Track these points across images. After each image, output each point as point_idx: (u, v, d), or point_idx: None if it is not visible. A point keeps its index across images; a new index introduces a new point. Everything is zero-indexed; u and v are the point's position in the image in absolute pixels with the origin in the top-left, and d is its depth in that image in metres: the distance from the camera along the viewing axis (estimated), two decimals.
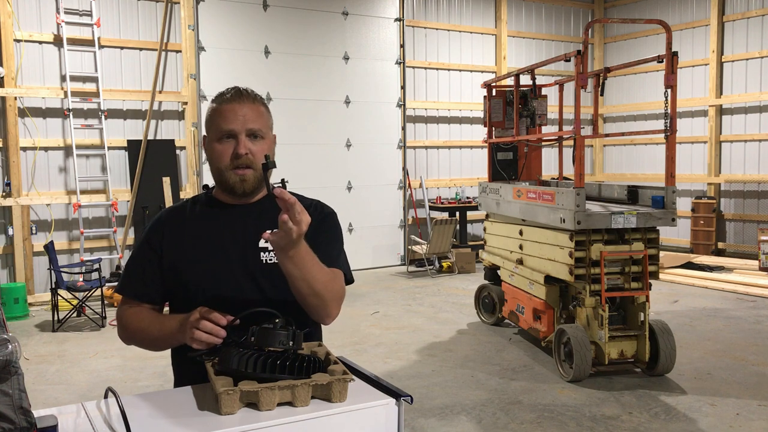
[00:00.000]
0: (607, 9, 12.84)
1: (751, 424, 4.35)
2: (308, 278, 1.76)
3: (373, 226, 10.60)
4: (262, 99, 2.01)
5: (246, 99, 1.93)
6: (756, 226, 10.41)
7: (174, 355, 2.03)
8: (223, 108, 1.91)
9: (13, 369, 1.36)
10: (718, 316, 7.17)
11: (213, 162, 1.94)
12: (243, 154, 1.88)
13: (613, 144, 12.87)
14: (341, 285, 1.95)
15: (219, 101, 1.94)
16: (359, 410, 1.60)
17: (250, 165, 1.90)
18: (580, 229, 5.00)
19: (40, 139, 8.24)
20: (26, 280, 8.05)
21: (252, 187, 1.93)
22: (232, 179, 1.91)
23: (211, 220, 1.98)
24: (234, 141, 1.89)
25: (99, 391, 4.81)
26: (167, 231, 1.98)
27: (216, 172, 1.95)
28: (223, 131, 1.90)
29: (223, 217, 1.97)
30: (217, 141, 1.91)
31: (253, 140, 1.91)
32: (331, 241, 2.01)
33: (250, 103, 1.93)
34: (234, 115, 1.89)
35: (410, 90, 10.90)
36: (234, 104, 1.90)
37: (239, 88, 1.96)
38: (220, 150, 1.91)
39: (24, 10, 8.10)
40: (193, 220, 1.99)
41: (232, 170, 1.90)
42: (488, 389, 5.04)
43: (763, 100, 10.43)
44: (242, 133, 1.89)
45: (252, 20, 9.47)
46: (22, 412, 1.36)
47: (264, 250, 1.93)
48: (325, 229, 2.01)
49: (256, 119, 1.92)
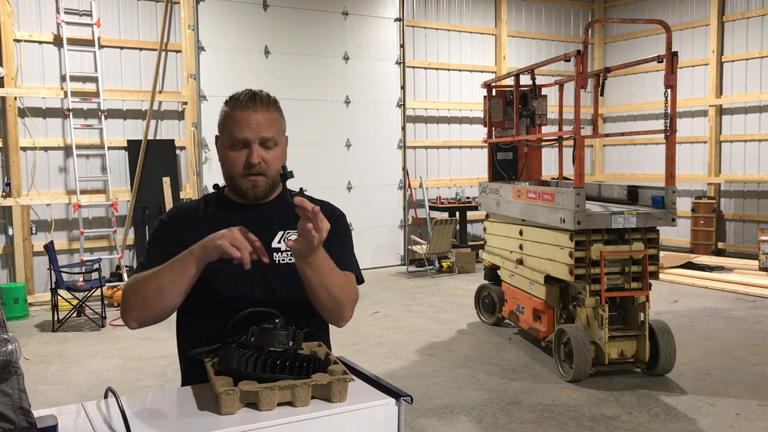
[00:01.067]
0: (607, 9, 12.84)
1: (751, 424, 4.35)
2: (326, 283, 1.80)
3: (373, 226, 10.60)
4: (276, 102, 1.98)
5: (260, 106, 1.90)
6: (756, 226, 10.41)
7: (181, 352, 2.01)
8: (237, 115, 1.89)
9: (13, 369, 1.36)
10: (718, 316, 7.17)
11: (226, 167, 1.94)
12: (256, 164, 1.88)
13: (613, 144, 12.88)
14: (355, 289, 1.99)
15: (233, 106, 1.91)
16: (359, 410, 1.60)
17: (263, 173, 1.90)
18: (580, 229, 5.00)
19: (40, 139, 8.24)
20: (26, 280, 8.06)
21: (264, 193, 1.94)
22: (245, 185, 1.92)
23: (224, 220, 1.95)
24: (247, 149, 1.89)
25: (99, 391, 4.81)
26: (182, 226, 1.97)
27: (228, 177, 1.96)
28: (237, 139, 1.89)
29: (237, 218, 1.95)
30: (230, 148, 1.91)
31: (266, 149, 1.90)
32: (344, 244, 2.04)
33: (264, 110, 1.90)
34: (247, 124, 1.87)
35: (410, 90, 10.91)
36: (248, 112, 1.88)
37: (254, 92, 1.93)
38: (233, 157, 1.90)
39: (24, 10, 8.10)
40: (207, 220, 1.97)
41: (245, 177, 1.91)
42: (488, 389, 5.04)
43: (763, 100, 10.43)
44: (255, 142, 1.88)
45: (252, 20, 9.47)
46: (22, 412, 1.36)
47: (277, 250, 1.94)
48: (338, 233, 2.02)
49: (270, 127, 1.90)
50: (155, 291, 1.78)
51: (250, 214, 1.97)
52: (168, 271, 1.78)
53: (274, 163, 1.91)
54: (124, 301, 1.84)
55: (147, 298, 1.79)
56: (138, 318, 1.82)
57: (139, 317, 1.82)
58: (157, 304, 1.79)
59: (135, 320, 1.82)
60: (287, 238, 1.95)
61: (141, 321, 1.83)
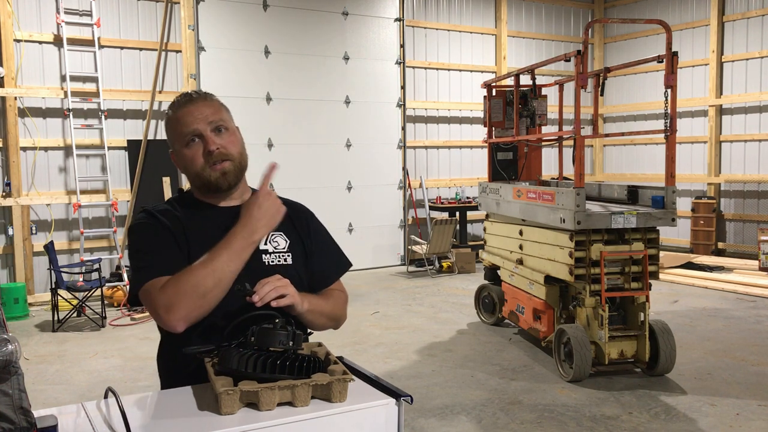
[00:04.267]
0: (607, 9, 12.84)
1: (751, 424, 4.35)
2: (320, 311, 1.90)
3: (373, 226, 10.60)
4: (215, 96, 1.98)
5: (198, 98, 1.91)
6: (756, 226, 10.41)
7: (161, 355, 1.94)
8: (179, 114, 1.88)
9: (13, 369, 1.36)
10: (718, 316, 7.17)
11: (188, 168, 1.90)
12: (214, 150, 1.86)
13: (613, 144, 12.88)
14: (345, 294, 2.07)
15: (174, 109, 1.91)
16: (359, 410, 1.59)
17: (226, 158, 1.88)
18: (580, 229, 5.00)
19: (40, 139, 8.24)
20: (26, 280, 8.06)
21: (235, 179, 1.91)
22: (213, 176, 1.87)
23: (205, 221, 1.91)
24: (202, 141, 1.87)
25: (99, 391, 4.81)
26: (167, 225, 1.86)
27: (194, 177, 1.90)
28: (188, 134, 1.87)
29: (218, 220, 1.90)
30: (185, 147, 1.88)
31: (219, 134, 1.89)
32: (327, 242, 2.08)
33: (202, 100, 1.90)
34: (192, 117, 1.86)
35: (410, 90, 10.91)
36: (189, 107, 1.88)
37: (188, 92, 1.94)
38: (191, 154, 1.87)
39: (24, 10, 8.10)
40: (188, 220, 1.90)
41: (210, 168, 1.87)
42: (488, 389, 5.04)
43: (763, 100, 10.43)
44: (207, 130, 1.87)
45: (252, 20, 9.47)
46: (22, 412, 1.36)
47: (265, 252, 1.91)
48: (317, 231, 2.06)
49: (215, 113, 1.89)
50: (215, 284, 1.70)
51: (232, 217, 1.89)
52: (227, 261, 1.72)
53: (232, 146, 1.89)
54: (168, 304, 1.68)
55: (206, 294, 1.69)
56: (189, 317, 1.70)
57: (191, 316, 1.70)
58: (215, 298, 1.71)
59: (184, 320, 1.69)
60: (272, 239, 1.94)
61: (192, 320, 1.71)
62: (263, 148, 9.54)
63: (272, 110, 9.59)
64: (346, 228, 10.37)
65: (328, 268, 2.04)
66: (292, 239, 1.98)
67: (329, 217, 10.56)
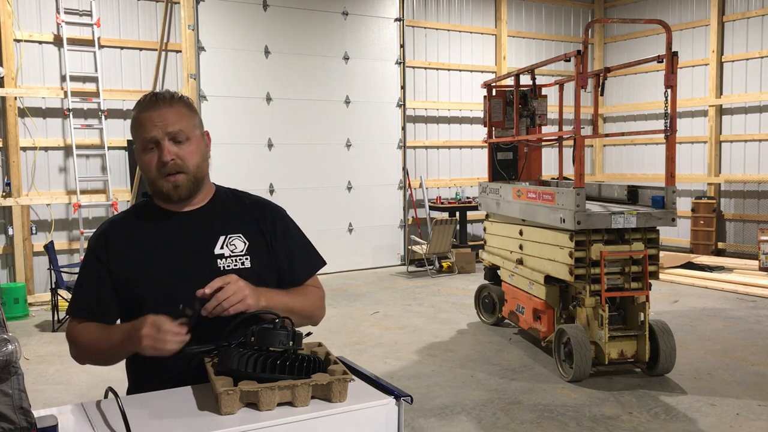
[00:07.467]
0: (607, 9, 12.84)
1: (751, 424, 4.35)
2: (290, 309, 1.86)
3: (373, 226, 10.60)
4: (184, 98, 1.92)
5: (162, 103, 1.85)
6: (756, 226, 10.41)
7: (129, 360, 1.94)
8: (141, 117, 1.85)
9: (13, 369, 1.36)
10: (718, 316, 7.17)
11: (145, 173, 1.90)
12: (168, 161, 1.83)
13: (613, 144, 12.88)
14: (321, 291, 2.05)
15: (138, 110, 1.88)
16: (359, 410, 1.60)
17: (180, 170, 1.85)
18: (580, 229, 5.00)
19: (40, 139, 8.24)
20: (26, 280, 8.06)
21: (188, 192, 1.88)
22: (165, 187, 1.86)
23: (158, 231, 1.90)
24: (158, 149, 1.84)
25: (99, 391, 4.80)
26: (112, 245, 1.89)
27: (149, 183, 1.90)
28: (146, 140, 1.84)
29: (171, 226, 1.90)
30: (143, 151, 1.86)
31: (178, 144, 1.85)
32: (299, 240, 2.05)
33: (167, 106, 1.85)
34: (152, 123, 1.83)
35: (410, 90, 10.90)
36: (151, 111, 1.84)
37: (156, 92, 1.90)
38: (147, 160, 1.86)
39: (24, 10, 8.10)
40: (140, 231, 1.91)
41: (163, 179, 1.85)
42: (488, 389, 5.04)
43: (763, 100, 10.43)
44: (164, 138, 1.82)
45: (252, 20, 9.47)
46: (22, 412, 1.36)
47: (221, 256, 1.88)
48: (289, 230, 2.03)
49: (177, 122, 1.84)
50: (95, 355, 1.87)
51: (188, 222, 1.91)
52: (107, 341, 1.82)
53: (190, 158, 1.86)
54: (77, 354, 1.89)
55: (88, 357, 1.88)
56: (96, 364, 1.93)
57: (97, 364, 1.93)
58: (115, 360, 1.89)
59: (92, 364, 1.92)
60: (229, 242, 1.91)
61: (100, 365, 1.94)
62: (263, 148, 9.54)
63: (272, 110, 9.59)
64: (346, 228, 10.37)
65: (298, 267, 2.01)
66: (252, 240, 1.94)
67: (329, 217, 10.58)
